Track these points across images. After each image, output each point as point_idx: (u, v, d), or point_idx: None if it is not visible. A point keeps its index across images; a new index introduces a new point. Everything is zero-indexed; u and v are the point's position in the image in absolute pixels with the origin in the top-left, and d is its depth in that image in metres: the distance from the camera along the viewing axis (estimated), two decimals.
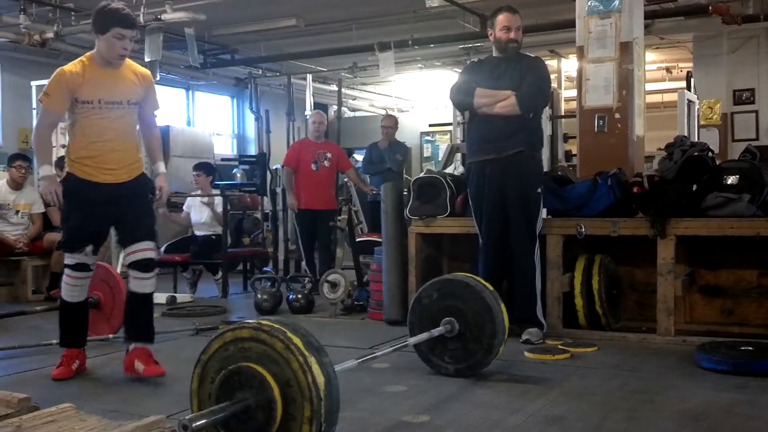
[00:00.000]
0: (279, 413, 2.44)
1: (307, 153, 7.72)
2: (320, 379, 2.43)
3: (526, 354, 4.50)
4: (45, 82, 9.91)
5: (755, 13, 8.70)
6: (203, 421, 2.37)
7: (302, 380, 2.42)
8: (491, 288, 4.02)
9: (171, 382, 3.98)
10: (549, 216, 5.20)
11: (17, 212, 7.74)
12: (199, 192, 8.22)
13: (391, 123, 8.98)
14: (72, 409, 2.75)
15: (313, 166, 7.67)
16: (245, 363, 2.50)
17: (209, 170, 8.31)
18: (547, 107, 6.99)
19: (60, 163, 8.03)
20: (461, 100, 5.19)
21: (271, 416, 2.44)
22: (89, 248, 4.13)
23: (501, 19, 5.03)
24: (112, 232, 4.41)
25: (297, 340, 2.47)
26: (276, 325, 2.52)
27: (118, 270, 5.48)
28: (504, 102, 4.89)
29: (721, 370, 4.00)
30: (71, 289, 4.23)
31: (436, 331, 3.88)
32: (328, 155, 7.75)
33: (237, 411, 2.46)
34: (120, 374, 4.20)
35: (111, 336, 5.02)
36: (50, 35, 8.53)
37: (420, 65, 12.01)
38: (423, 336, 3.85)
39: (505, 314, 3.96)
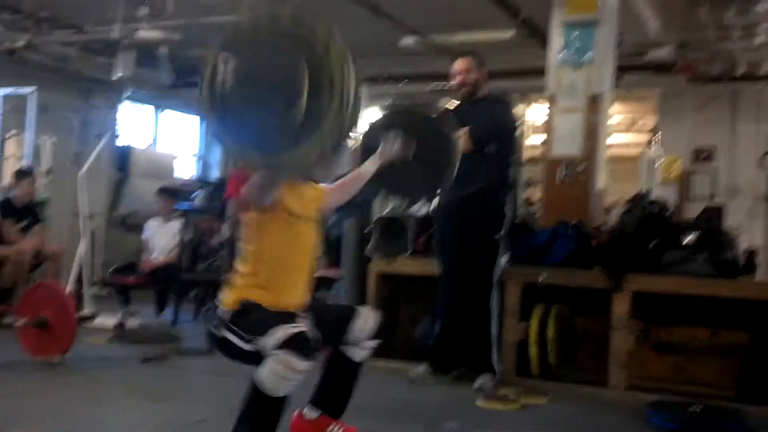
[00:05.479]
0: None
1: None
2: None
3: (478, 402, 4.47)
4: (11, 90, 9.56)
5: (719, 74, 8.89)
6: None
7: None
8: None
9: (120, 410, 3.89)
10: (508, 263, 5.21)
11: None
12: (160, 216, 8.06)
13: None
14: None
15: None
16: None
17: (172, 194, 8.21)
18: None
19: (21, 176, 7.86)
20: None
21: None
22: None
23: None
24: None
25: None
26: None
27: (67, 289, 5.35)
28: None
29: (672, 428, 4.01)
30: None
31: None
32: None
33: None
34: (69, 398, 4.08)
35: (57, 359, 4.90)
36: (21, 44, 8.38)
37: None
38: None
39: None
